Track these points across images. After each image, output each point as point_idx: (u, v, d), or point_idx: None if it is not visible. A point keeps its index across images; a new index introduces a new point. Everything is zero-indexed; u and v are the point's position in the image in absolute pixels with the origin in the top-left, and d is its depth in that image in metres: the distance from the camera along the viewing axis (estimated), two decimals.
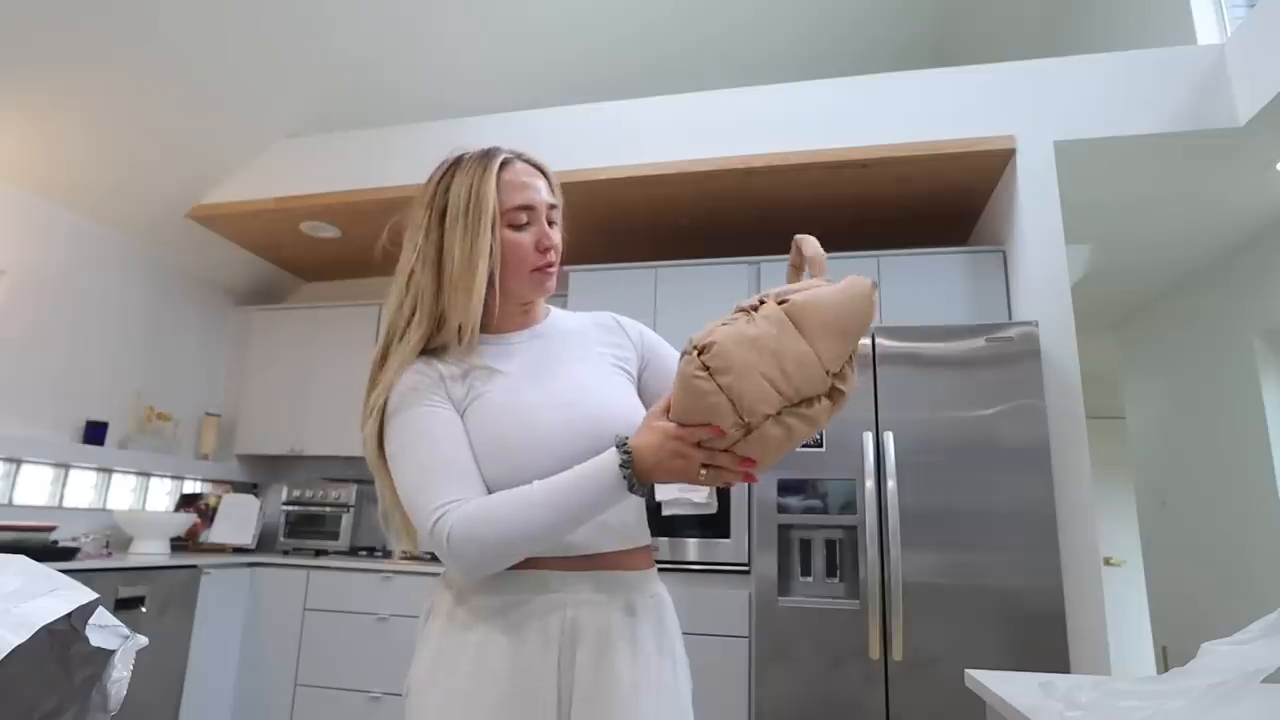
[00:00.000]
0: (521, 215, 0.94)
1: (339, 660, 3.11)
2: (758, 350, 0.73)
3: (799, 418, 0.75)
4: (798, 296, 0.76)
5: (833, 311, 0.76)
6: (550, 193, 0.98)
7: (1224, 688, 0.74)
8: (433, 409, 0.88)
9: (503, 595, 0.86)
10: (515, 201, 0.94)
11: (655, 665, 0.88)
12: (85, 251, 3.25)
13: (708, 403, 0.73)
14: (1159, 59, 2.71)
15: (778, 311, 0.75)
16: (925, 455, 2.41)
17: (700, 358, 0.75)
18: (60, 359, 3.13)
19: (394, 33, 3.31)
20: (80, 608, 0.63)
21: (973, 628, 2.26)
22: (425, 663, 0.86)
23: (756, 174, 2.98)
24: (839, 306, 0.76)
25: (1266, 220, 3.25)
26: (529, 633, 0.84)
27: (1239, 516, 3.57)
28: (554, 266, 0.97)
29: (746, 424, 0.73)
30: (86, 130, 2.91)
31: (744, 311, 0.77)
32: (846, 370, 0.77)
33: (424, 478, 0.84)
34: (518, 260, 0.94)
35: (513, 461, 0.85)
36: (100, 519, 3.22)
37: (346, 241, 3.74)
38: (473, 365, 0.92)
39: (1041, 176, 2.72)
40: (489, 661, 0.83)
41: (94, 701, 0.65)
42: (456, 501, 0.81)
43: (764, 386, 0.72)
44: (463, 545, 0.79)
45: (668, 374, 1.00)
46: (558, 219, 0.99)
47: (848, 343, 0.76)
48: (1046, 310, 2.59)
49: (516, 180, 0.96)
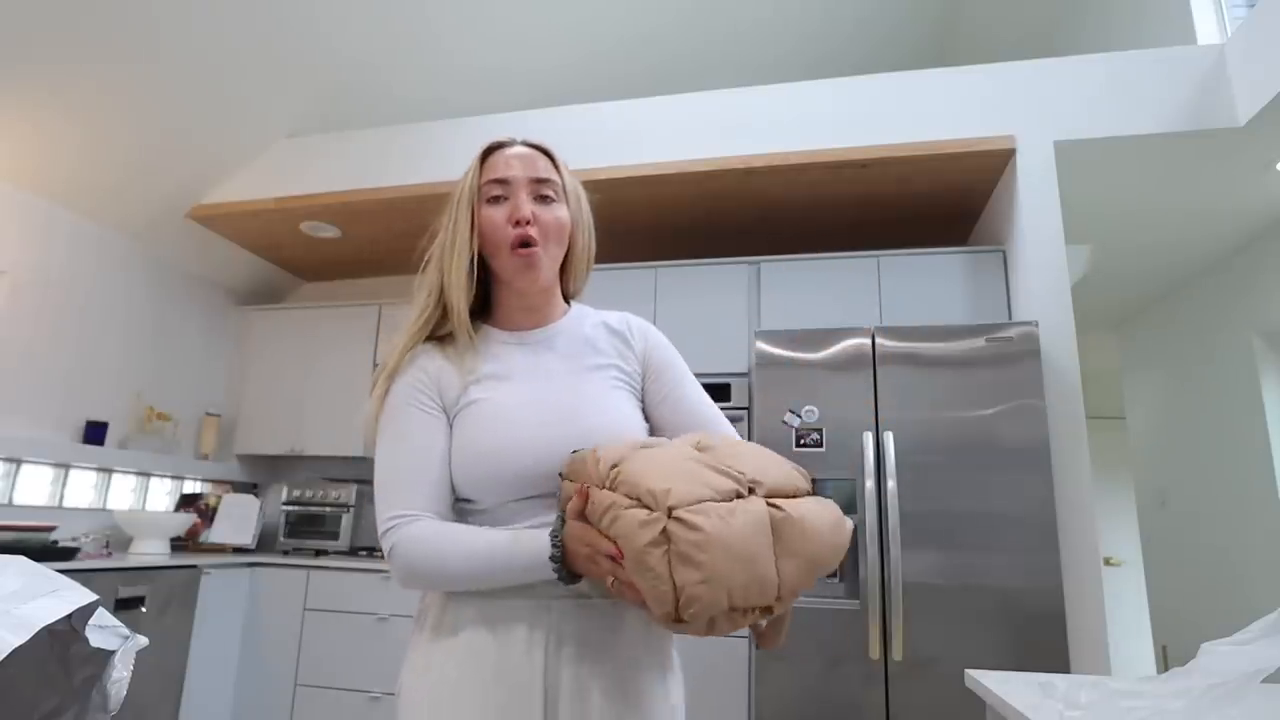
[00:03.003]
0: (495, 189, 0.93)
1: (339, 660, 3.11)
2: (732, 559, 0.64)
3: (727, 619, 0.67)
4: (791, 507, 0.69)
5: (817, 544, 0.69)
6: (550, 169, 0.96)
7: (1224, 688, 0.74)
8: (418, 412, 0.89)
9: (491, 599, 0.85)
10: (489, 175, 0.93)
11: (644, 676, 0.86)
12: (85, 251, 3.25)
13: (648, 581, 0.65)
14: (1159, 59, 2.71)
15: (763, 514, 0.67)
16: (925, 455, 2.41)
17: (670, 522, 0.65)
18: (60, 359, 3.12)
19: (394, 33, 3.30)
20: (80, 608, 0.63)
21: (973, 628, 2.26)
22: (414, 665, 0.87)
23: (756, 174, 2.98)
24: (823, 541, 0.70)
25: (1266, 220, 3.25)
26: (515, 636, 0.83)
27: (1239, 516, 3.57)
28: (534, 245, 0.91)
29: (676, 615, 0.65)
30: (86, 130, 2.91)
31: (729, 490, 0.69)
32: (788, 597, 0.69)
33: (390, 480, 0.86)
34: (492, 236, 0.92)
35: (493, 476, 0.86)
36: (100, 519, 3.22)
37: (346, 241, 3.74)
38: (472, 369, 0.92)
39: (1041, 176, 2.71)
40: (476, 663, 0.83)
41: (94, 702, 0.65)
42: (409, 516, 0.84)
43: (720, 598, 0.64)
44: (400, 563, 0.83)
45: (672, 392, 0.97)
46: (556, 195, 0.95)
47: (812, 579, 0.70)
48: (1046, 310, 2.59)
49: (500, 158, 0.95)
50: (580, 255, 1.01)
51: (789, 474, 0.74)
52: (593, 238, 1.03)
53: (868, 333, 2.57)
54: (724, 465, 0.72)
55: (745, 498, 0.69)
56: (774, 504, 0.69)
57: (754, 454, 0.76)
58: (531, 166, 0.94)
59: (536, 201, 0.93)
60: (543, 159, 0.97)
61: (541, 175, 0.94)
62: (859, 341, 2.56)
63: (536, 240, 0.91)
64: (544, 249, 0.93)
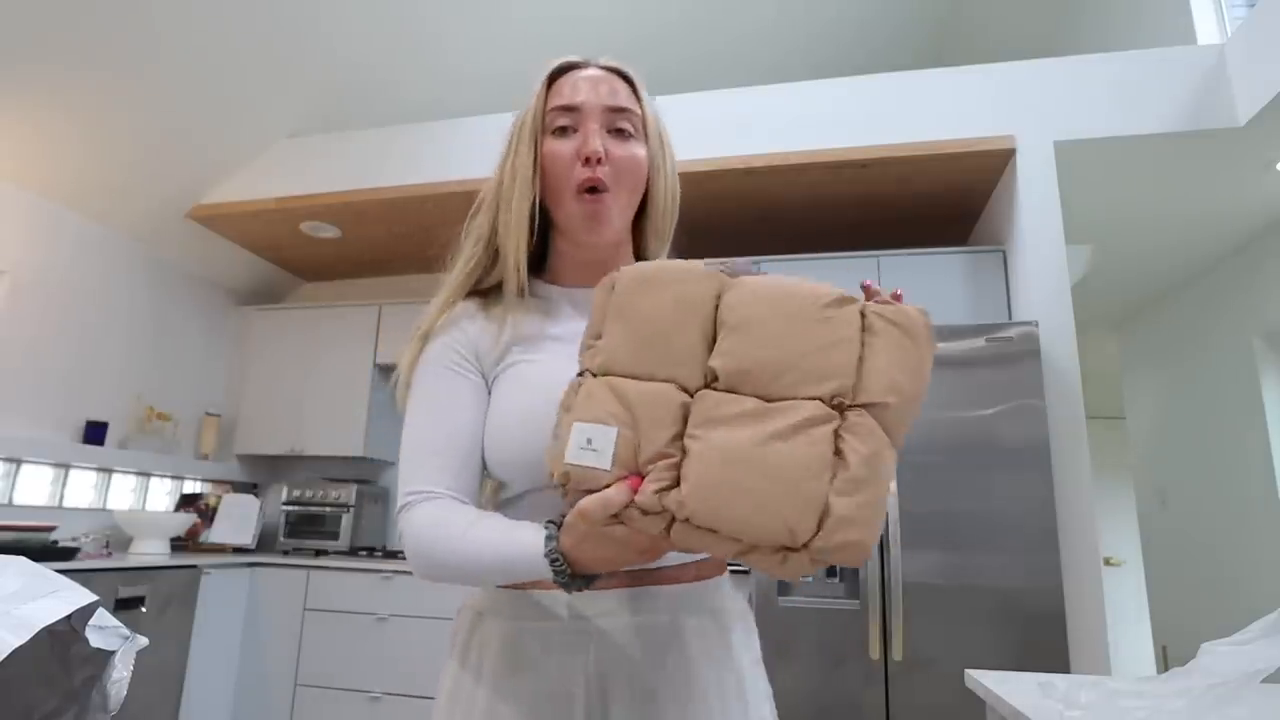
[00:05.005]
0: (561, 117, 0.77)
1: (339, 660, 3.11)
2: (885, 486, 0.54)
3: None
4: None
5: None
6: (630, 97, 0.79)
7: (1224, 688, 0.74)
8: (453, 376, 0.77)
9: (517, 619, 0.74)
10: (555, 102, 0.78)
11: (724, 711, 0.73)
12: (85, 251, 3.25)
13: (783, 494, 0.53)
14: (1159, 59, 2.71)
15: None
16: (925, 455, 2.40)
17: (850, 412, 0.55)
18: (60, 359, 3.12)
19: (394, 33, 3.31)
20: (80, 609, 0.63)
21: (973, 628, 2.26)
22: (444, 690, 0.77)
23: (756, 174, 2.98)
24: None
25: (1266, 221, 3.25)
26: (544, 673, 0.71)
27: (1239, 516, 3.57)
28: (603, 190, 0.76)
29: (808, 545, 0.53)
30: (87, 130, 2.91)
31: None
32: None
33: (412, 452, 0.75)
34: (555, 175, 0.76)
35: (521, 452, 0.72)
36: (100, 519, 3.22)
37: (346, 241, 3.74)
38: (517, 328, 0.78)
39: (1041, 176, 2.71)
40: (505, 703, 0.72)
41: (94, 702, 0.65)
42: (423, 494, 0.72)
43: (878, 529, 0.53)
44: (407, 548, 0.72)
45: None
46: (635, 130, 0.78)
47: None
48: (1046, 310, 2.59)
49: (568, 82, 0.78)
50: (660, 206, 0.83)
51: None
52: (676, 189, 0.85)
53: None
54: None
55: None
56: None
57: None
58: (608, 92, 0.77)
59: (611, 136, 0.77)
60: (622, 85, 0.79)
61: (620, 104, 0.78)
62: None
63: (607, 184, 0.76)
64: (614, 196, 0.77)
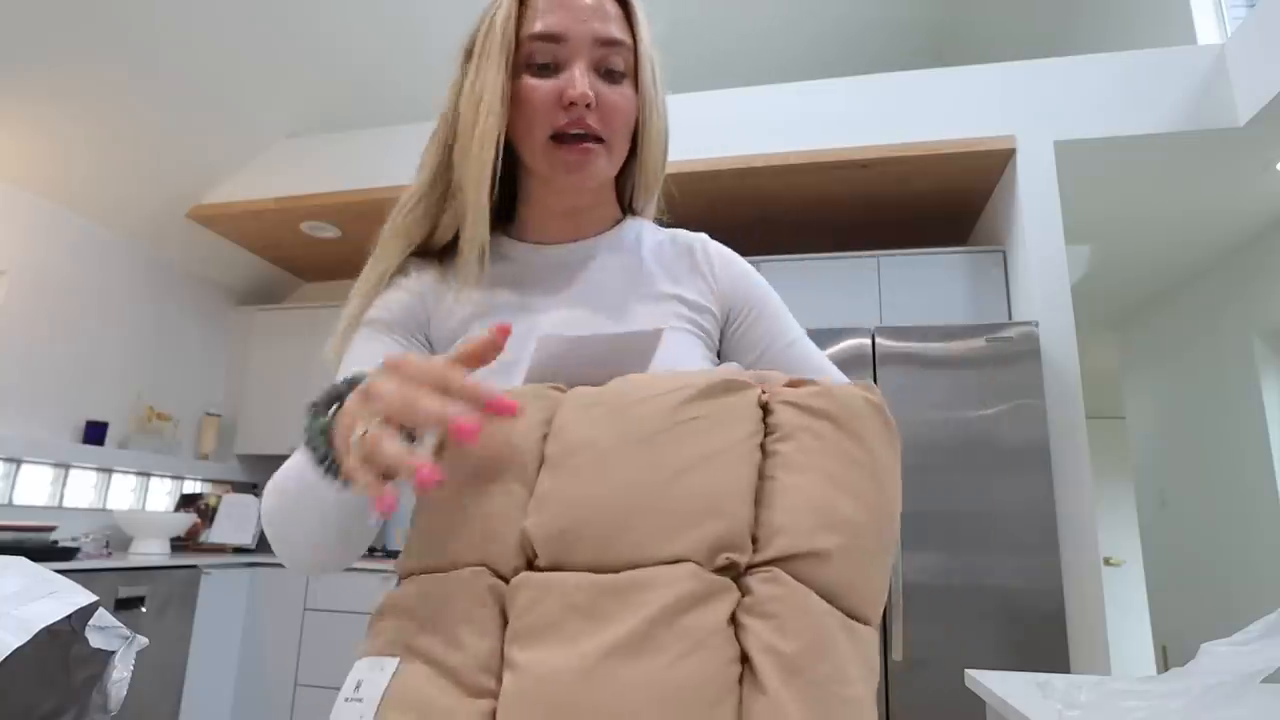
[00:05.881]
0: (542, 49, 0.63)
1: (339, 660, 3.11)
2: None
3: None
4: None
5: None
6: (623, 27, 0.65)
7: (1224, 688, 0.74)
8: (381, 340, 0.65)
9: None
10: (534, 26, 0.63)
11: None
12: (85, 251, 3.25)
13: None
14: (1159, 59, 2.71)
15: None
16: (925, 455, 2.40)
17: None
18: (60, 359, 3.12)
19: (394, 33, 3.31)
20: (80, 609, 0.63)
21: (973, 628, 2.26)
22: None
23: (756, 174, 2.98)
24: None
25: (1266, 220, 3.25)
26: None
27: (1239, 516, 3.57)
28: (589, 139, 0.63)
29: None
30: (86, 130, 2.91)
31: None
32: None
33: None
34: (527, 117, 0.63)
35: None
36: (100, 519, 3.22)
37: (346, 241, 3.74)
38: (480, 293, 0.66)
39: (1041, 176, 2.71)
40: None
41: (94, 702, 0.65)
42: None
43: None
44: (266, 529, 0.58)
45: (773, 343, 0.72)
46: (627, 68, 0.65)
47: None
48: (1046, 310, 2.59)
49: (550, 1, 0.64)
50: (652, 152, 0.69)
51: None
52: (668, 131, 0.71)
53: (867, 333, 2.56)
54: None
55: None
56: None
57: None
58: (599, 20, 0.63)
59: (601, 78, 0.64)
60: (614, 8, 0.65)
61: (611, 34, 0.64)
62: (859, 341, 2.56)
63: (600, 133, 0.63)
64: (607, 147, 0.64)
